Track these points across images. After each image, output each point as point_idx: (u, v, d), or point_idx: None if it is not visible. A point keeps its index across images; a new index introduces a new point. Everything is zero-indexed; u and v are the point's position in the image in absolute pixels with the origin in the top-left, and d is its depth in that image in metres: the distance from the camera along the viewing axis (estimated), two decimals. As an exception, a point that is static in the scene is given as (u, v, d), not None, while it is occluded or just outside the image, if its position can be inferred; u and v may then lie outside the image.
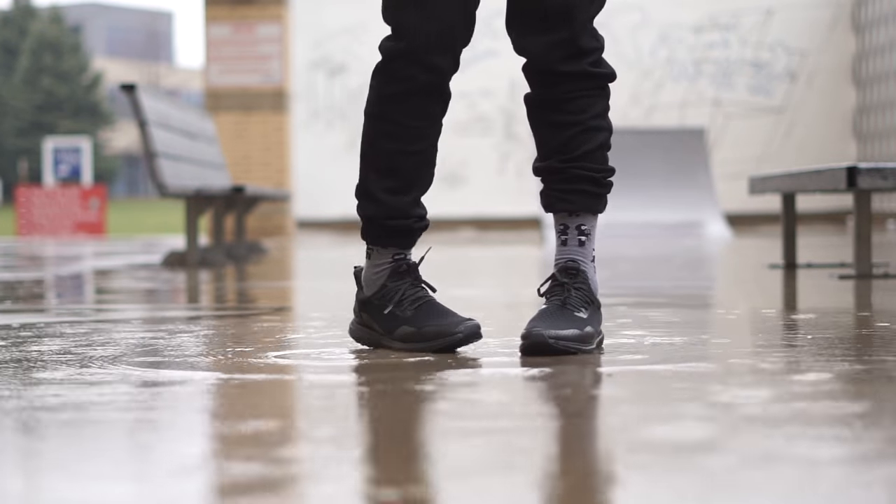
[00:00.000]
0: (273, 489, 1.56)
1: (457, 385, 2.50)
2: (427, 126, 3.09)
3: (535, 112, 3.12)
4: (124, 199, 65.72)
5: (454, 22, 3.04)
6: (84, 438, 1.97)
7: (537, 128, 3.12)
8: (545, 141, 3.10)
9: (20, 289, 6.17)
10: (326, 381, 2.60)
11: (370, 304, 3.13)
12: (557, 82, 3.06)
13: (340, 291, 5.45)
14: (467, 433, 1.96)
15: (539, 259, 9.00)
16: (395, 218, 3.10)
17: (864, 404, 2.18)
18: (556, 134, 3.07)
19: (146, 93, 8.65)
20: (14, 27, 62.72)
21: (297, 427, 2.04)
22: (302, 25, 18.73)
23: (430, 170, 3.13)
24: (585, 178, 3.06)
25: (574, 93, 3.06)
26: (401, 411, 2.22)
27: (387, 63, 3.07)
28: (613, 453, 1.79)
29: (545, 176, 3.10)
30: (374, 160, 3.12)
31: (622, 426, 2.01)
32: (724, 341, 3.29)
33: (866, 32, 18.61)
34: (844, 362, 2.75)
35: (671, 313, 4.10)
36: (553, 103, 3.07)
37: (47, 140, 28.57)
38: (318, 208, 18.72)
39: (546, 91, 3.08)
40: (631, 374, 2.62)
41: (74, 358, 2.99)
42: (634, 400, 2.29)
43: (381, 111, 3.09)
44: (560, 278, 3.04)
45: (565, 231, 3.07)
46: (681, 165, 15.43)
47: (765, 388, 2.37)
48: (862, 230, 6.09)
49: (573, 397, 2.35)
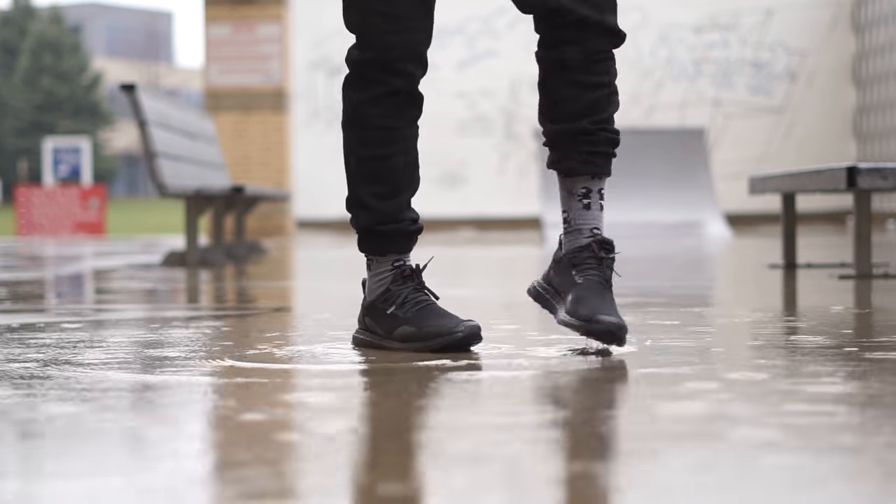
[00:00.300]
0: (272, 487, 1.56)
1: (456, 385, 2.50)
2: (403, 127, 3.10)
3: (558, 71, 3.03)
4: (124, 199, 65.72)
5: (421, 31, 3.06)
6: (79, 441, 1.97)
7: (559, 87, 3.03)
8: (570, 101, 3.02)
9: (20, 289, 6.17)
10: (326, 382, 2.60)
11: (373, 308, 3.13)
12: (587, 38, 3.01)
13: (340, 291, 5.45)
14: (467, 432, 1.96)
15: (539, 259, 9.00)
16: (388, 223, 3.11)
17: (864, 404, 2.18)
18: (584, 95, 3.02)
19: (146, 93, 8.65)
20: (14, 27, 62.72)
21: (296, 421, 2.04)
22: (302, 25, 18.72)
23: (414, 172, 3.14)
24: (609, 141, 3.06)
25: (600, 54, 3.03)
26: (398, 410, 2.21)
27: (356, 73, 3.09)
28: (615, 453, 1.79)
29: (569, 138, 3.02)
30: (357, 169, 3.13)
31: (623, 425, 2.01)
32: (724, 342, 3.29)
33: (866, 32, 18.61)
34: (845, 362, 2.74)
35: (671, 313, 4.10)
36: (580, 64, 3.01)
37: (47, 140, 28.57)
38: (318, 208, 18.71)
39: (572, 49, 3.01)
40: (631, 374, 2.62)
41: (74, 358, 2.99)
42: (636, 399, 2.29)
43: (357, 118, 3.10)
44: (597, 252, 3.01)
45: (588, 195, 3.03)
46: (681, 165, 15.43)
47: (763, 389, 2.37)
48: (862, 230, 6.09)
49: (573, 397, 2.35)
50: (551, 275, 3.09)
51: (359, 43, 3.08)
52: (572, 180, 3.04)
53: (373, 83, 3.06)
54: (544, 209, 14.86)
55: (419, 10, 3.05)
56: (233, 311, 4.66)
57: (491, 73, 18.95)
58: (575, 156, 3.02)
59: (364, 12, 3.05)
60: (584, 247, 3.01)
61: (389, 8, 3.03)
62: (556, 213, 14.68)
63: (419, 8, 3.05)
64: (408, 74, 3.05)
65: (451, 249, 11.10)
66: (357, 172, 3.13)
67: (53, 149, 27.56)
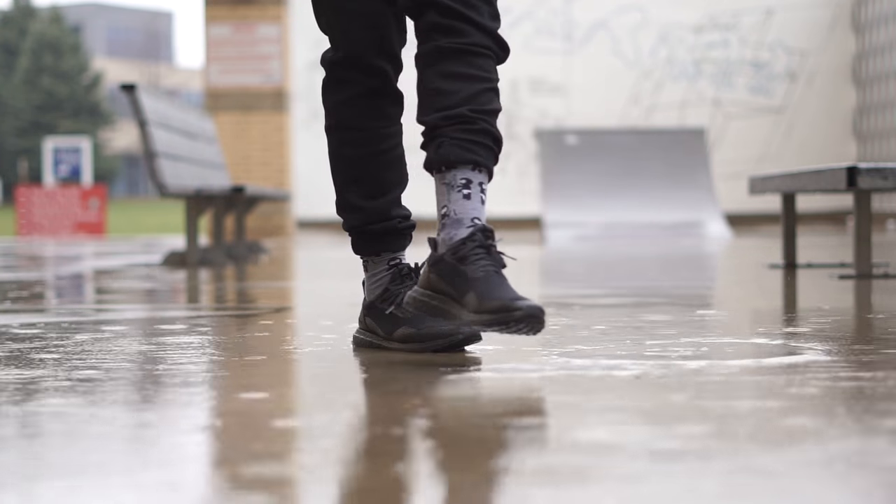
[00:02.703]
0: (270, 478, 1.56)
1: (454, 384, 2.50)
2: (385, 126, 3.11)
3: (437, 62, 2.86)
4: (124, 199, 65.72)
5: (389, 26, 3.07)
6: (79, 440, 1.97)
7: (439, 78, 2.85)
8: (451, 91, 2.83)
9: (20, 289, 6.17)
10: (325, 384, 2.60)
11: (373, 308, 3.13)
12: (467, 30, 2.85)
13: (340, 291, 5.44)
14: (466, 432, 1.96)
15: (539, 259, 8.99)
16: (377, 222, 3.12)
17: (862, 405, 2.18)
18: (466, 86, 2.84)
19: (146, 93, 8.65)
20: (14, 27, 62.72)
21: (296, 421, 2.04)
22: (302, 25, 18.72)
23: (401, 170, 3.14)
24: (490, 134, 2.85)
25: (482, 48, 2.87)
26: (396, 409, 2.21)
27: (330, 74, 3.12)
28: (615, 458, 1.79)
29: (448, 125, 2.82)
30: (343, 171, 3.14)
31: (622, 426, 2.01)
32: (724, 341, 3.29)
33: (866, 32, 18.60)
34: (844, 363, 2.74)
35: (671, 313, 4.10)
36: (462, 54, 2.84)
37: (47, 140, 28.57)
38: (317, 208, 18.71)
39: (453, 40, 2.85)
40: (630, 375, 2.62)
41: (72, 358, 2.99)
42: (633, 400, 2.29)
43: (338, 120, 3.12)
44: (483, 241, 2.77)
45: (468, 185, 2.81)
46: (681, 165, 15.43)
47: (764, 390, 2.37)
48: (862, 230, 6.09)
49: (572, 398, 2.35)
50: (432, 283, 2.81)
51: (331, 43, 3.12)
52: (452, 173, 2.81)
53: (348, 84, 3.09)
54: (544, 209, 14.86)
55: (381, 5, 3.06)
56: (233, 312, 4.66)
57: (491, 73, 18.93)
58: (453, 142, 2.81)
59: (333, 10, 3.08)
60: (466, 238, 2.77)
61: (357, 5, 3.04)
62: (555, 213, 14.67)
63: (382, 4, 3.06)
64: (380, 71, 3.07)
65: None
66: (342, 174, 3.14)
67: (53, 149, 27.56)
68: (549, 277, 6.89)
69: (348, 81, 3.09)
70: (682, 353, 2.94)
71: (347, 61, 3.07)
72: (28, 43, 59.95)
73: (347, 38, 3.07)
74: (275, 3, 16.61)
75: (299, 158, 18.37)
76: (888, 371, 2.60)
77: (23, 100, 58.91)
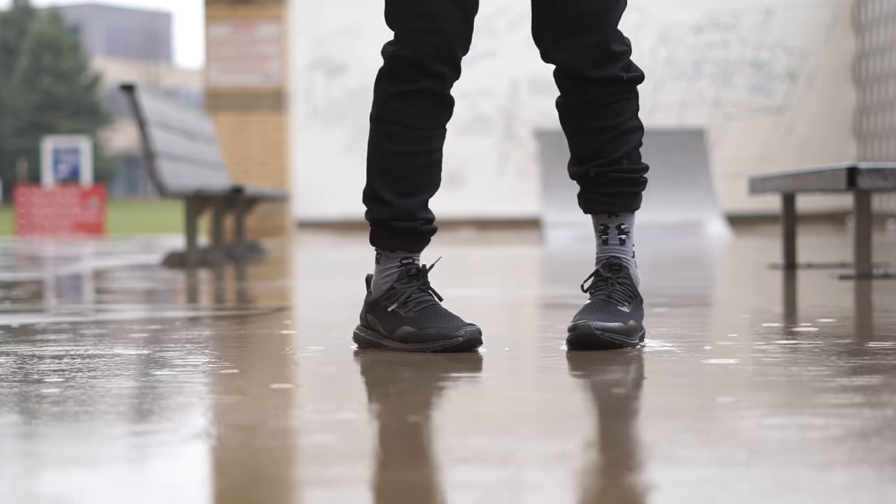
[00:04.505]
0: (270, 479, 1.56)
1: (454, 383, 2.50)
2: (430, 129, 3.11)
3: (570, 118, 3.16)
4: (124, 199, 65.74)
5: (456, 33, 3.08)
6: (80, 438, 1.97)
7: (572, 133, 3.17)
8: (581, 146, 3.17)
9: (20, 289, 6.16)
10: (325, 384, 2.60)
11: (377, 306, 3.13)
12: (590, 88, 3.12)
13: (340, 291, 5.44)
14: (467, 432, 1.96)
15: (539, 259, 9.00)
16: (402, 220, 3.11)
17: (863, 405, 2.18)
18: (593, 139, 3.14)
19: (145, 93, 8.64)
20: (13, 27, 62.74)
21: (295, 420, 2.04)
22: (302, 25, 18.73)
23: (435, 174, 3.14)
24: (623, 181, 3.14)
25: (608, 99, 3.12)
26: (395, 408, 2.21)
27: (388, 65, 3.11)
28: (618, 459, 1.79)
29: (582, 180, 3.17)
30: (379, 163, 3.13)
31: (623, 426, 2.00)
32: (724, 342, 3.29)
33: (866, 32, 18.61)
34: (844, 363, 2.74)
35: (671, 313, 4.10)
36: (588, 110, 3.13)
37: (46, 140, 28.57)
38: (317, 208, 18.71)
39: (579, 97, 3.13)
40: (628, 376, 2.62)
41: (71, 358, 2.98)
42: (635, 400, 2.29)
43: (386, 113, 3.11)
44: (604, 273, 3.13)
45: (605, 231, 3.17)
46: (681, 165, 15.43)
47: (765, 391, 2.37)
48: (862, 230, 6.08)
49: (571, 398, 2.35)
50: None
51: (395, 38, 3.11)
52: (595, 218, 3.19)
53: (403, 79, 3.09)
54: (544, 209, 14.86)
55: (454, 11, 3.06)
56: (232, 312, 4.65)
57: (491, 73, 18.95)
58: (589, 196, 3.18)
59: (401, 8, 3.07)
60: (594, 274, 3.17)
61: (425, 6, 3.04)
62: (555, 213, 14.68)
63: (455, 10, 3.06)
64: (438, 75, 3.07)
65: (451, 249, 11.10)
66: (377, 166, 3.14)
67: (53, 149, 27.56)
68: (549, 277, 6.89)
69: (404, 77, 3.08)
70: (682, 353, 2.94)
71: (408, 60, 3.07)
72: (27, 43, 59.96)
73: (412, 39, 3.06)
74: (275, 3, 16.61)
75: (299, 158, 18.37)
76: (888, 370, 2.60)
77: (22, 100, 58.93)
